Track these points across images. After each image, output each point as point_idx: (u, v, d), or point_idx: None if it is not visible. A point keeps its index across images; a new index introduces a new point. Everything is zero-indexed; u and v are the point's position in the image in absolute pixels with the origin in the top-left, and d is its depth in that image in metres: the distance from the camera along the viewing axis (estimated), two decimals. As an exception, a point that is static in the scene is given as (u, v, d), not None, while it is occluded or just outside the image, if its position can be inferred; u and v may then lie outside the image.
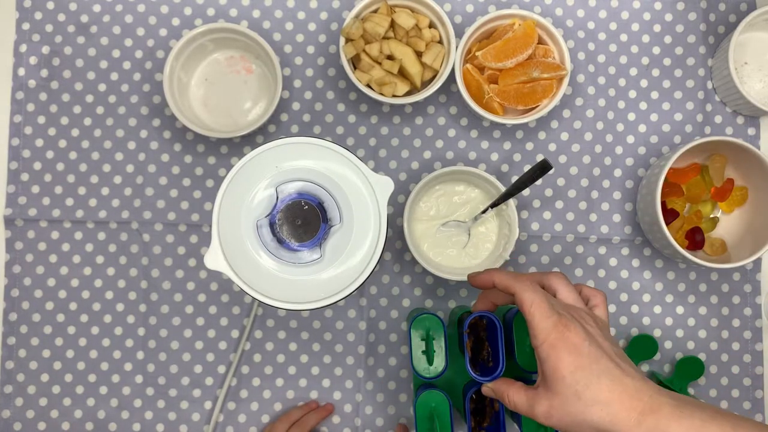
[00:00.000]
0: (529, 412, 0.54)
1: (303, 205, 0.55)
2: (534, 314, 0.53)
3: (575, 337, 0.51)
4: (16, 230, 0.73)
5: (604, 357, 0.51)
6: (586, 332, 0.52)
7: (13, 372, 0.73)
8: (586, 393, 0.50)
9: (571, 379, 0.50)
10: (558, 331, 0.51)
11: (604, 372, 0.50)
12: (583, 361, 0.51)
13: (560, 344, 0.51)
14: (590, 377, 0.50)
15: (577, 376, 0.50)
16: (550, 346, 0.51)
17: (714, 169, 0.73)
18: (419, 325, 0.63)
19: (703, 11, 0.76)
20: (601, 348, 0.52)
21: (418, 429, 0.62)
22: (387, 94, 0.70)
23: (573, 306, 0.54)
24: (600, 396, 0.50)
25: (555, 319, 0.52)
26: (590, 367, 0.50)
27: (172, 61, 0.70)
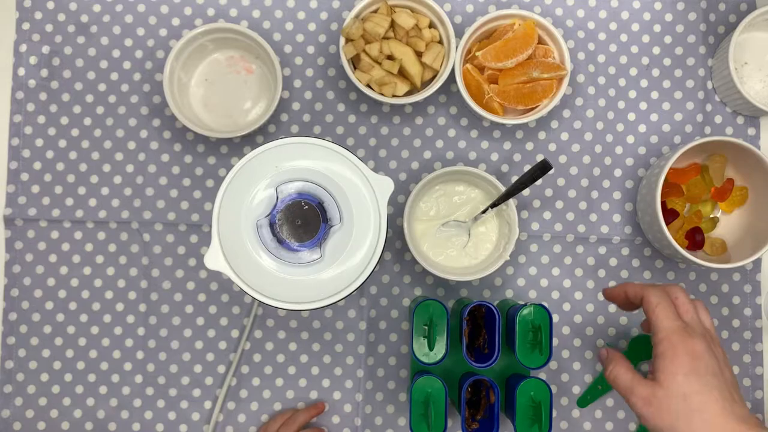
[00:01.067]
0: (628, 392, 0.53)
1: (303, 205, 0.55)
2: (658, 315, 0.53)
3: (698, 346, 0.51)
4: (16, 230, 0.73)
5: (722, 378, 0.51)
6: (709, 348, 0.52)
7: (12, 372, 0.73)
8: (694, 398, 0.50)
9: (684, 381, 0.50)
10: (682, 334, 0.52)
11: (718, 389, 0.50)
12: (701, 369, 0.51)
13: (682, 346, 0.51)
14: (704, 386, 0.50)
15: (691, 380, 0.50)
16: (671, 345, 0.52)
17: (714, 169, 0.73)
18: (423, 310, 0.64)
19: (703, 11, 0.76)
20: (723, 370, 0.52)
21: (413, 412, 0.62)
22: (387, 94, 0.70)
23: (704, 327, 0.54)
24: (707, 407, 0.50)
25: (681, 324, 0.53)
26: (706, 378, 0.50)
27: (172, 61, 0.70)
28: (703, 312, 0.56)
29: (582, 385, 0.74)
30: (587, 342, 0.74)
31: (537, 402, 0.63)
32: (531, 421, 0.63)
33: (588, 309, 0.74)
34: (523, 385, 0.64)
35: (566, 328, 0.74)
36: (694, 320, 0.54)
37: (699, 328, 0.54)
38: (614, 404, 0.74)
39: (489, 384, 0.64)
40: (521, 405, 0.64)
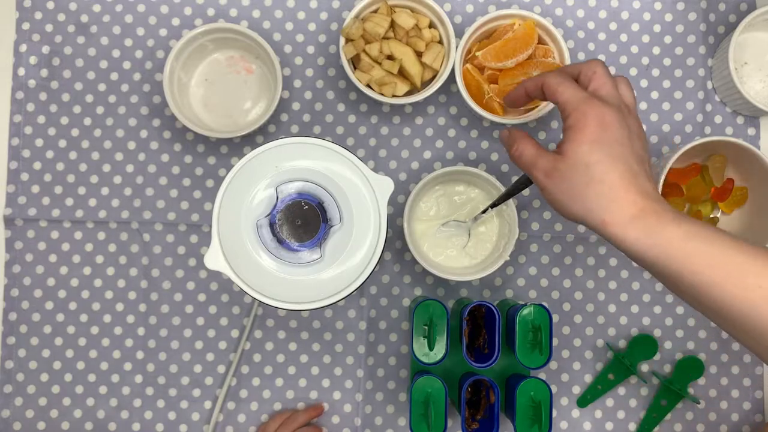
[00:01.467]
0: (531, 165, 0.51)
1: (303, 205, 0.55)
2: (563, 91, 0.50)
3: (609, 115, 0.48)
4: (15, 230, 0.73)
5: (630, 149, 0.48)
6: (620, 118, 0.49)
7: (12, 372, 0.73)
8: (596, 168, 0.47)
9: (588, 150, 0.47)
10: (591, 102, 0.49)
11: (623, 160, 0.47)
12: (608, 139, 0.47)
13: (591, 114, 0.48)
14: (608, 156, 0.47)
15: (595, 149, 0.47)
16: (580, 114, 0.48)
17: (714, 169, 0.73)
18: (423, 310, 0.64)
19: (703, 11, 0.76)
20: (633, 142, 0.48)
21: (413, 413, 0.62)
22: (387, 94, 0.70)
23: (625, 102, 0.51)
24: (608, 177, 0.47)
25: (587, 95, 0.49)
26: (612, 147, 0.47)
27: (172, 61, 0.69)
28: (624, 86, 0.52)
29: (582, 384, 0.74)
30: (587, 342, 0.74)
31: (537, 402, 0.63)
32: (531, 421, 0.63)
33: (588, 309, 0.74)
34: (523, 385, 0.64)
35: (566, 328, 0.74)
36: (610, 94, 0.50)
37: (614, 100, 0.50)
38: (614, 404, 0.74)
39: (489, 384, 0.65)
40: (521, 405, 0.64)
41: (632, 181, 0.47)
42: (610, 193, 0.47)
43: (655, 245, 0.45)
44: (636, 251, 0.46)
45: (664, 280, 0.46)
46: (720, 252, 0.43)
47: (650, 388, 0.74)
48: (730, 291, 0.43)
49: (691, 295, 0.45)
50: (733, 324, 0.43)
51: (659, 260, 0.45)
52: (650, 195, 0.47)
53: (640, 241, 0.45)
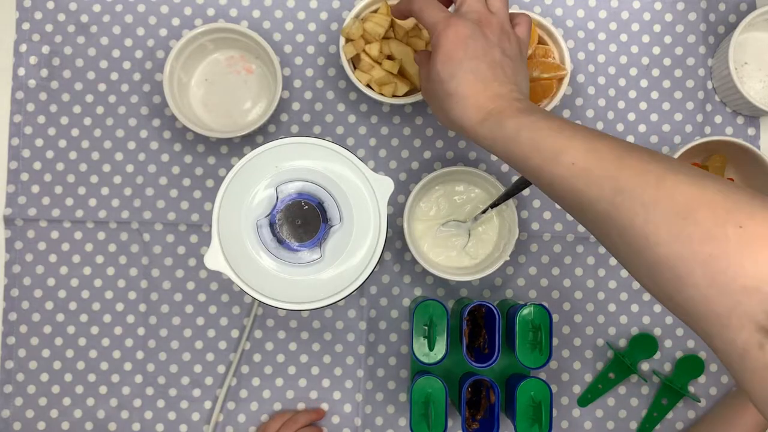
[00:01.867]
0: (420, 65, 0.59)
1: (303, 205, 0.55)
2: (424, 15, 0.55)
3: (462, 30, 0.53)
4: (16, 230, 0.73)
5: (485, 60, 0.53)
6: (476, 30, 0.53)
7: (12, 372, 0.73)
8: (450, 83, 0.53)
9: (442, 68, 0.53)
10: (446, 22, 0.53)
11: (474, 71, 0.52)
12: (459, 54, 0.53)
13: (445, 34, 0.53)
14: (458, 70, 0.53)
15: (447, 66, 0.53)
16: (438, 34, 0.53)
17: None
18: (423, 310, 0.64)
19: (703, 11, 0.76)
20: (488, 52, 0.53)
21: (413, 413, 0.63)
22: (387, 94, 0.70)
23: (486, 14, 0.55)
24: (459, 89, 0.52)
25: (447, 14, 0.54)
26: (463, 62, 0.52)
27: (172, 61, 0.69)
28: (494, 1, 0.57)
29: (582, 384, 0.74)
30: (587, 341, 0.74)
31: (537, 402, 0.63)
32: (531, 420, 0.64)
33: (588, 308, 0.74)
34: (524, 384, 0.64)
35: (566, 327, 0.74)
36: (472, 8, 0.55)
37: (473, 15, 0.54)
38: (615, 403, 0.74)
39: (489, 384, 0.65)
40: (521, 405, 0.64)
41: (481, 89, 0.52)
42: (462, 104, 0.53)
43: (498, 140, 0.51)
44: (488, 147, 0.52)
45: (517, 169, 0.51)
46: (542, 137, 0.48)
47: (651, 387, 0.74)
48: (551, 171, 0.47)
49: (532, 179, 0.50)
50: (563, 201, 0.48)
51: (504, 152, 0.50)
52: (502, 97, 0.52)
53: (488, 139, 0.51)
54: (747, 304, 0.36)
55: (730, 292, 0.37)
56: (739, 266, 0.36)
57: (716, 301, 0.37)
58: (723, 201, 0.38)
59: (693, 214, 0.39)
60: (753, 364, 0.36)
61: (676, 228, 0.39)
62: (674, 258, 0.39)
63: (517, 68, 0.55)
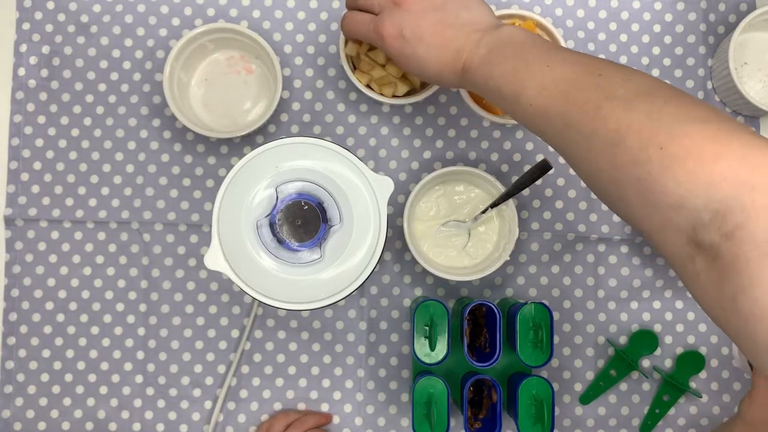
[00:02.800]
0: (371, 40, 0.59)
1: (303, 205, 0.55)
2: (355, 33, 0.60)
3: (389, 29, 0.55)
4: (16, 230, 0.73)
5: (427, 32, 0.54)
6: (400, 17, 0.55)
7: (13, 372, 0.73)
8: (416, 70, 0.56)
9: (403, 64, 0.57)
10: (375, 33, 0.56)
11: (427, 50, 0.54)
12: (405, 49, 0.55)
13: (383, 43, 0.56)
14: (413, 59, 0.55)
15: (403, 62, 0.56)
16: (380, 45, 0.57)
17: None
18: (424, 311, 0.64)
19: (703, 11, 0.77)
20: (423, 21, 0.54)
21: (415, 413, 0.63)
22: (387, 94, 0.70)
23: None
24: (426, 69, 0.55)
25: (368, 22, 0.57)
26: (414, 49, 0.55)
27: (172, 62, 0.69)
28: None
29: (584, 382, 0.74)
30: (588, 339, 0.74)
31: (539, 400, 0.64)
32: (533, 419, 0.64)
33: (588, 306, 0.74)
34: (525, 383, 0.64)
35: (567, 325, 0.74)
36: (384, 7, 0.57)
37: (384, 8, 0.56)
38: (617, 401, 0.74)
39: (491, 383, 0.65)
40: (523, 403, 0.64)
41: (443, 56, 0.54)
42: (438, 77, 0.56)
43: (479, 89, 0.54)
44: (474, 89, 0.54)
45: (491, 99, 0.54)
46: (503, 83, 0.51)
47: (652, 384, 0.74)
48: (515, 112, 0.51)
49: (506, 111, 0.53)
50: (538, 135, 0.51)
51: (487, 98, 0.53)
52: (460, 51, 0.54)
53: (474, 89, 0.55)
54: (676, 220, 0.39)
55: (660, 210, 0.40)
56: (663, 186, 0.39)
57: (651, 219, 0.41)
58: (648, 123, 0.41)
59: (623, 141, 0.41)
60: (689, 275, 0.40)
61: (610, 155, 0.42)
62: (614, 183, 0.42)
63: (460, 7, 0.56)
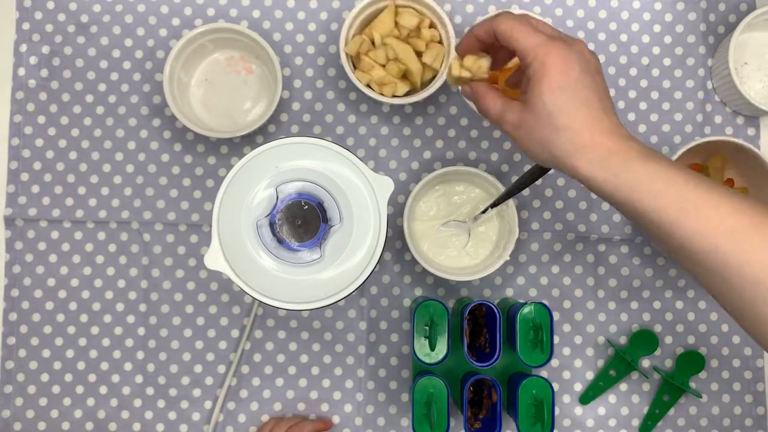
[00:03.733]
0: (499, 118, 0.51)
1: (303, 205, 0.55)
2: (518, 37, 0.49)
3: (569, 57, 0.48)
4: (16, 230, 0.73)
5: (593, 89, 0.48)
6: (580, 56, 0.49)
7: (13, 372, 0.73)
8: (560, 116, 0.48)
9: (550, 98, 0.48)
10: (548, 45, 0.48)
11: (586, 103, 0.48)
12: (570, 83, 0.48)
13: (550, 59, 0.48)
14: (570, 101, 0.48)
15: (556, 96, 0.48)
16: (540, 62, 0.48)
17: (714, 169, 0.73)
18: (424, 311, 0.64)
19: (703, 11, 0.77)
20: (594, 80, 0.49)
21: (415, 413, 0.62)
22: (387, 94, 0.70)
23: (565, 34, 0.51)
24: (573, 124, 0.47)
25: (544, 38, 0.49)
26: (574, 91, 0.48)
27: (172, 62, 0.69)
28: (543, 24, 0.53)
29: (584, 382, 0.74)
30: (588, 339, 0.74)
31: (539, 400, 0.63)
32: (533, 419, 0.64)
33: (588, 306, 0.74)
34: (525, 383, 0.64)
35: (567, 325, 0.74)
36: (555, 32, 0.51)
37: (563, 35, 0.50)
38: (617, 400, 0.74)
39: (491, 383, 0.65)
40: (523, 403, 0.64)
41: (596, 123, 0.48)
42: (576, 140, 0.47)
43: (622, 185, 0.46)
44: (605, 192, 0.47)
45: (632, 217, 0.48)
46: (685, 190, 0.45)
47: (652, 384, 0.74)
48: (691, 227, 0.44)
49: (658, 234, 0.46)
50: (696, 261, 0.44)
51: (627, 200, 0.46)
52: (615, 132, 0.48)
53: (608, 182, 0.46)
54: None
55: None
56: None
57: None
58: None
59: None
60: None
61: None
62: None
63: (608, 104, 0.50)
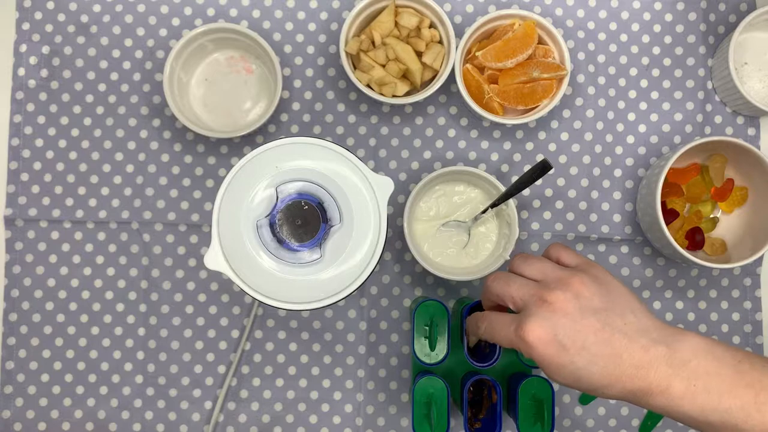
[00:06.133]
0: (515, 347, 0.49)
1: (303, 205, 0.55)
2: (495, 336, 0.50)
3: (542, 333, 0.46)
4: (16, 230, 0.73)
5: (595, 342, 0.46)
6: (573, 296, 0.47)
7: (13, 372, 0.73)
8: (578, 383, 0.47)
9: (559, 377, 0.47)
10: (536, 303, 0.47)
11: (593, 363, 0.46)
12: (564, 360, 0.46)
13: (534, 351, 0.47)
14: (575, 373, 0.46)
15: (562, 374, 0.47)
16: (529, 353, 0.47)
17: (714, 169, 0.73)
18: (424, 311, 0.64)
19: (703, 11, 0.77)
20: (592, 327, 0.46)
21: (415, 413, 0.62)
22: (387, 94, 0.70)
23: (566, 275, 0.49)
24: (591, 384, 0.46)
25: (530, 290, 0.48)
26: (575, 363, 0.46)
27: (172, 61, 0.69)
28: (563, 253, 0.52)
29: (582, 384, 0.74)
30: (587, 342, 0.74)
31: (539, 400, 0.63)
32: (533, 419, 0.63)
33: (588, 309, 0.74)
34: (525, 383, 0.64)
35: (566, 327, 0.74)
36: (548, 274, 0.50)
37: (553, 279, 0.49)
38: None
39: (491, 383, 0.65)
40: (523, 404, 0.64)
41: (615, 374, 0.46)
42: (603, 393, 0.47)
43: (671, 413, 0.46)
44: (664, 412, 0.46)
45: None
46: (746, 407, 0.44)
47: (650, 388, 0.74)
48: None
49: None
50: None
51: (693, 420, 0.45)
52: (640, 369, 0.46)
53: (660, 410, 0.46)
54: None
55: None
56: None
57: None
58: None
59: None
60: None
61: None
62: None
63: (625, 308, 0.48)
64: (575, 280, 0.48)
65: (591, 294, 0.48)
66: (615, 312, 0.47)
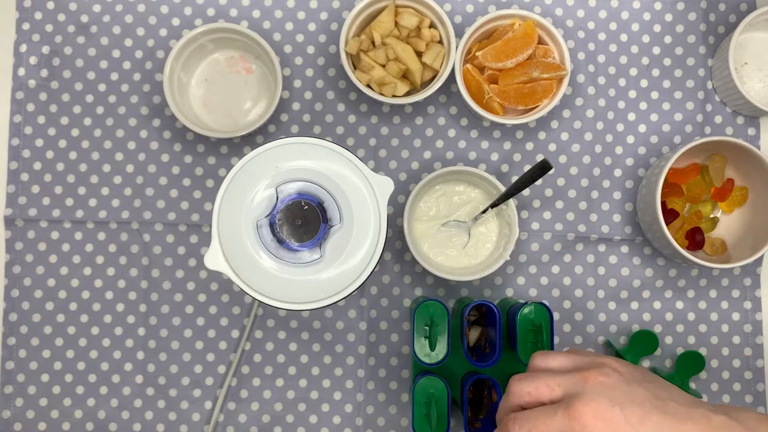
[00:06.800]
0: None
1: (303, 205, 0.55)
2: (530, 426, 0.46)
3: (597, 408, 0.44)
4: (16, 230, 0.73)
5: (636, 403, 0.44)
6: (595, 395, 0.45)
7: (13, 372, 0.73)
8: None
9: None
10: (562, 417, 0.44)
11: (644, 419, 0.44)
12: (625, 427, 0.44)
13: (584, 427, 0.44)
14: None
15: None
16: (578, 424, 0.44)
17: (714, 169, 0.73)
18: (424, 311, 0.64)
19: (703, 11, 0.77)
20: (629, 397, 0.45)
21: (415, 413, 0.62)
22: (387, 94, 0.70)
23: (577, 377, 0.47)
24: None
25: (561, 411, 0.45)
26: (622, 416, 0.44)
27: (172, 61, 0.70)
28: (572, 356, 0.50)
29: (582, 384, 0.74)
30: (588, 339, 0.74)
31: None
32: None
33: (588, 306, 0.74)
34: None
35: (567, 325, 0.74)
36: (577, 360, 0.49)
37: (584, 363, 0.48)
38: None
39: (491, 383, 0.65)
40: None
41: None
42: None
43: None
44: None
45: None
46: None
47: (651, 388, 0.74)
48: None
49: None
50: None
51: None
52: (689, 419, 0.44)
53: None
54: None
55: None
56: None
57: None
58: None
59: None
60: None
61: None
62: None
63: (662, 382, 0.47)
64: (606, 360, 0.48)
65: (627, 370, 0.47)
66: (658, 384, 0.47)
